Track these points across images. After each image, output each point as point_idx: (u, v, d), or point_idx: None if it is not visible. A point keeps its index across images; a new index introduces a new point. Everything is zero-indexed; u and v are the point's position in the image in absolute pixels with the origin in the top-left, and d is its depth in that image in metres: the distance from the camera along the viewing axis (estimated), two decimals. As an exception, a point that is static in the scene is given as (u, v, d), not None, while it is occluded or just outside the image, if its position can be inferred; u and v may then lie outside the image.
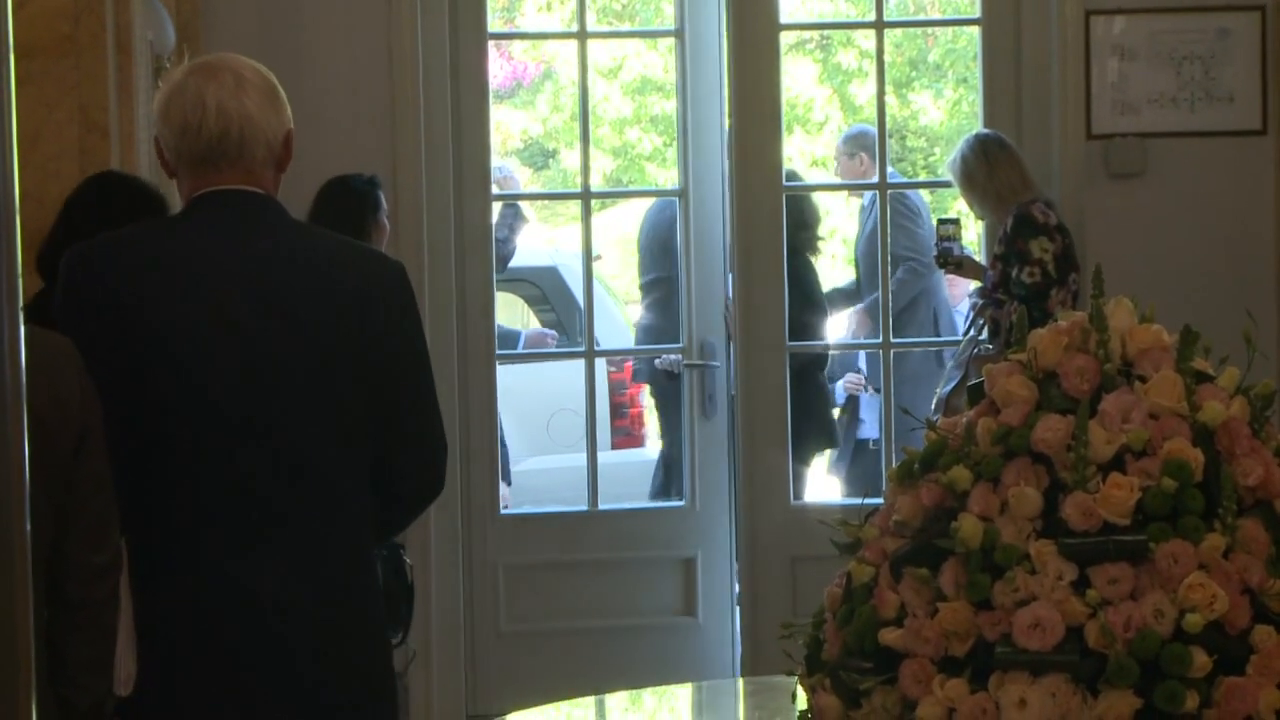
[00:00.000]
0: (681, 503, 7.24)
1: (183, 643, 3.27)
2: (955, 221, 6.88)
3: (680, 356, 7.22)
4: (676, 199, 7.19)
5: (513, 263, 8.81)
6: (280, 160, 3.38)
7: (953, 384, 6.40)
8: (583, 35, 7.15)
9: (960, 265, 6.74)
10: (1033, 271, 6.24)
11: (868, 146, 8.40)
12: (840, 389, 8.97)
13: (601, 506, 7.09)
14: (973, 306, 6.64)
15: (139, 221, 3.90)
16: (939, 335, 8.29)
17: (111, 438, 3.20)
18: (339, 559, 3.34)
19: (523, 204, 9.63)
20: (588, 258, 7.27)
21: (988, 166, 6.47)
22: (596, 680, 6.26)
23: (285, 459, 3.27)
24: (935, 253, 6.81)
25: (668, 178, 15.93)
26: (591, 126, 7.51)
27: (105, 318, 3.24)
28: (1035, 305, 6.08)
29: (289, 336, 3.28)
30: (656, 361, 8.03)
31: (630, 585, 7.06)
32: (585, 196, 7.29)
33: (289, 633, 3.27)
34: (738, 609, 7.09)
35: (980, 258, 6.89)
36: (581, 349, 7.63)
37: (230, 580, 3.25)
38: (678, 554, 7.13)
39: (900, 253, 8.37)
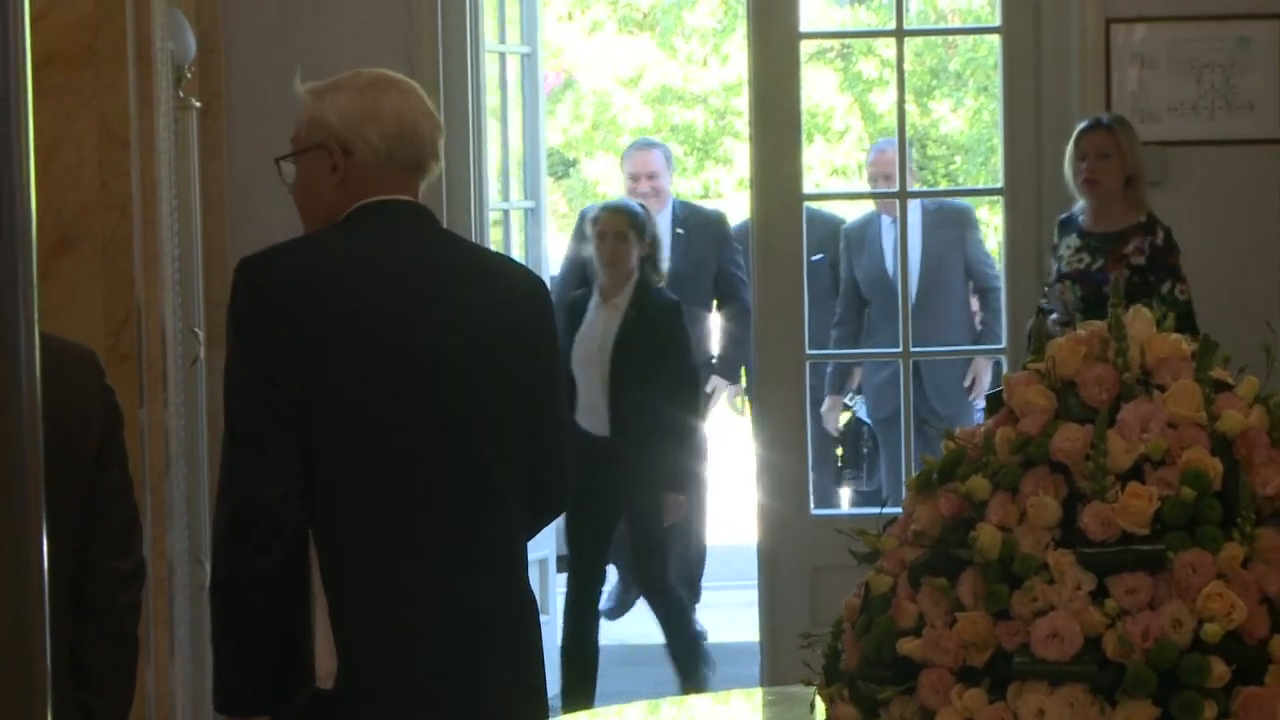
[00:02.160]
0: None
1: (376, 644, 3.26)
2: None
3: None
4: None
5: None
6: None
7: None
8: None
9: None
10: (1184, 289, 6.03)
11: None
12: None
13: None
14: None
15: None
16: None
17: (290, 439, 3.20)
18: (509, 560, 3.41)
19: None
20: None
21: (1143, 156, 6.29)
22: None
23: (465, 464, 3.31)
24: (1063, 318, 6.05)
25: (688, 186, 15.95)
26: (612, 135, 7.64)
27: (289, 324, 3.24)
28: (1189, 323, 5.59)
29: (469, 345, 3.34)
30: None
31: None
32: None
33: (472, 635, 3.30)
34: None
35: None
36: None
37: (419, 583, 3.27)
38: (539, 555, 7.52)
39: (986, 270, 8.35)
